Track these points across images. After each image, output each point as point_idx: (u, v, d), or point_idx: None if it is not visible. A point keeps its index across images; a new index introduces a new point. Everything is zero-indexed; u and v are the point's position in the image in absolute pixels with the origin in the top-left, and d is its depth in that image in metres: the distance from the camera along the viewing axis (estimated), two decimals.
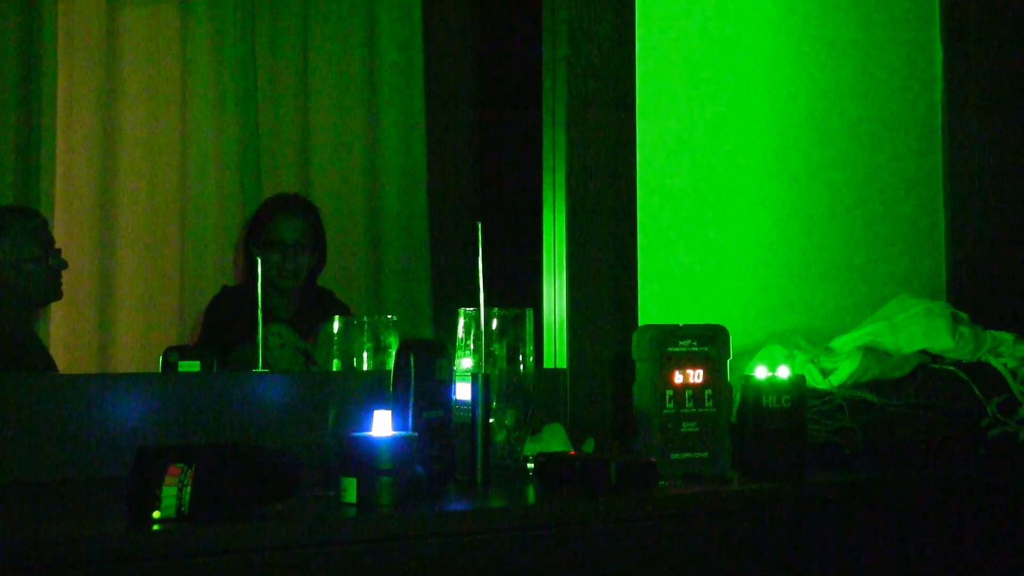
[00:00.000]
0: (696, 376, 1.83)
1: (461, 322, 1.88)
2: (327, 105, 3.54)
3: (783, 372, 1.86)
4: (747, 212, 2.42)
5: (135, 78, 3.40)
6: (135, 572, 1.33)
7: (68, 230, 3.25)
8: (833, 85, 2.54)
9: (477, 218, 1.81)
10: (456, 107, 3.64)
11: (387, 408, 1.58)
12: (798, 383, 1.86)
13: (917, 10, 2.64)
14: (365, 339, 2.04)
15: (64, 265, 2.78)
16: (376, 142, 3.55)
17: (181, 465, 1.40)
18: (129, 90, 3.39)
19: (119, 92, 3.37)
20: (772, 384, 1.84)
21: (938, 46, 2.65)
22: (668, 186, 2.34)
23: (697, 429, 1.83)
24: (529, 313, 1.91)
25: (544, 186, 2.25)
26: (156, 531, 1.36)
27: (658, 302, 2.29)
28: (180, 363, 2.06)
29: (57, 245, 2.78)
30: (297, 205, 3.16)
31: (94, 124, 3.36)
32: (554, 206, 2.22)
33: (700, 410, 1.83)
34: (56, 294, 2.83)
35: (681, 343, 1.83)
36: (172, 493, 1.39)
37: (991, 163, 2.64)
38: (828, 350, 2.20)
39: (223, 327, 2.86)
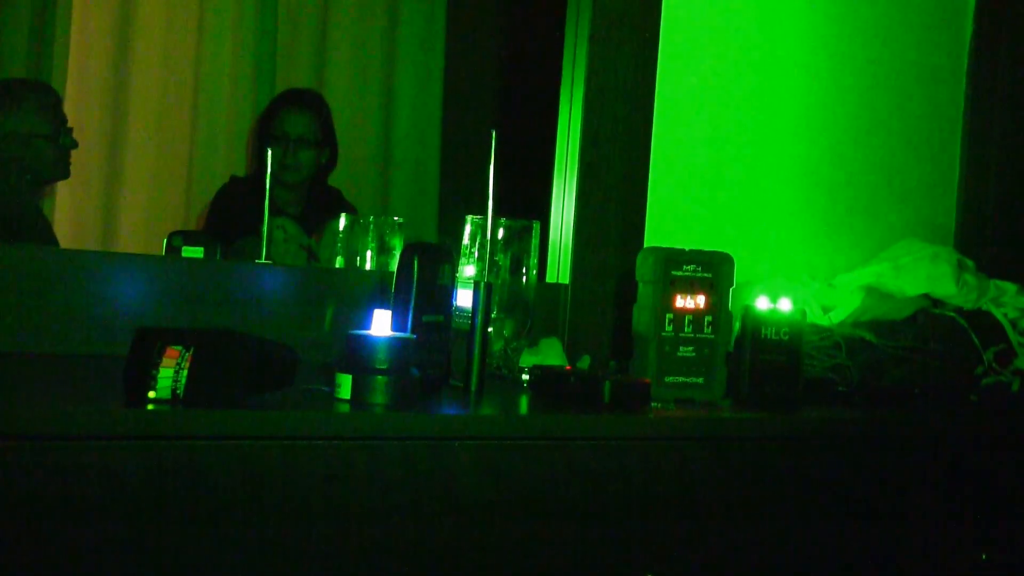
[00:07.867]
0: (698, 302, 1.82)
1: (467, 229, 1.88)
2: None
3: (784, 305, 1.86)
4: (762, 148, 2.41)
5: None
6: (125, 450, 1.33)
7: (79, 110, 3.23)
8: (857, 24, 2.51)
9: (492, 127, 1.79)
10: (481, 16, 3.61)
11: (387, 309, 1.58)
12: (798, 317, 1.86)
13: None
14: (370, 239, 2.04)
15: (75, 145, 2.77)
16: (394, 41, 3.52)
17: (180, 348, 1.39)
18: None
19: None
20: (772, 316, 1.84)
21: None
22: (686, 112, 2.32)
23: (694, 354, 1.82)
24: (536, 226, 1.91)
25: (561, 102, 2.23)
26: (149, 411, 1.36)
27: (665, 228, 2.28)
28: (184, 248, 2.05)
29: (68, 124, 2.76)
30: (306, 100, 3.13)
31: (111, 4, 3.33)
32: (570, 121, 2.21)
33: (699, 336, 1.82)
34: (64, 172, 2.81)
35: (686, 267, 1.82)
36: (168, 375, 1.39)
37: (1012, 113, 2.61)
38: (831, 287, 2.20)
39: (228, 217, 2.85)
